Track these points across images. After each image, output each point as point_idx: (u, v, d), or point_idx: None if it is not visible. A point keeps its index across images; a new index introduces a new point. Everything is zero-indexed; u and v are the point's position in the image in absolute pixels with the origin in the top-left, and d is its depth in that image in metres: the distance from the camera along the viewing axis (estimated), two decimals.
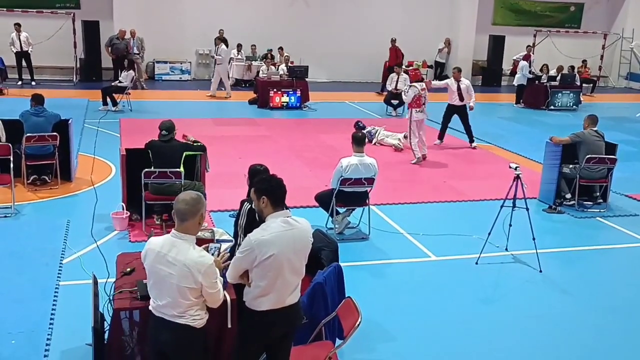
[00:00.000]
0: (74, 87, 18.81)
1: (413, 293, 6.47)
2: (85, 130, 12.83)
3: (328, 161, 10.95)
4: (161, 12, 20.73)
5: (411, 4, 23.04)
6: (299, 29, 21.73)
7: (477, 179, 10.63)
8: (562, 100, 19.06)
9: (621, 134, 14.66)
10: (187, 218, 3.72)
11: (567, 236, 8.30)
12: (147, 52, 20.05)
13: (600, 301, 6.49)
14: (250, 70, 20.50)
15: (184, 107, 16.57)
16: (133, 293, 4.33)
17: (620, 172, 9.90)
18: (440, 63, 23.74)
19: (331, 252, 5.45)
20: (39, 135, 8.88)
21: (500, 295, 6.61)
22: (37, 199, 8.67)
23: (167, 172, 7.36)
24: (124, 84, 15.46)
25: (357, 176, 7.59)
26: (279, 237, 3.80)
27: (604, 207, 9.28)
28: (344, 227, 7.93)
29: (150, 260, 3.76)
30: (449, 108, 13.01)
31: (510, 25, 24.55)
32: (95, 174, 9.71)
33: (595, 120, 9.30)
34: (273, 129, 14.16)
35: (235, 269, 3.91)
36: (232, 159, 10.80)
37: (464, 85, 12.81)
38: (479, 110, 18.81)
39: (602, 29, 25.15)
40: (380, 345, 5.41)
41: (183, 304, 3.71)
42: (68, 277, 6.33)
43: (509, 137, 14.30)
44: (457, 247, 7.63)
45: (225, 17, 21.02)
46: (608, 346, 5.62)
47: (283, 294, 3.89)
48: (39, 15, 19.20)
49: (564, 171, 9.22)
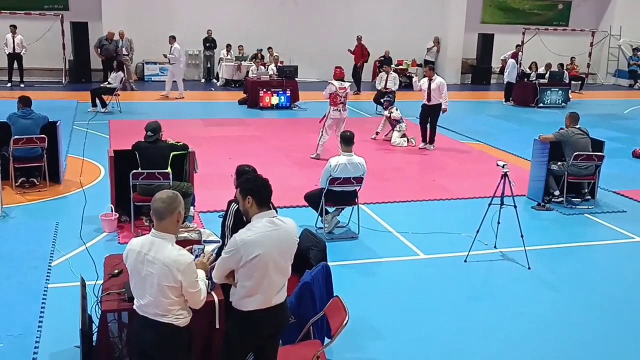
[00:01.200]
0: (63, 89, 18.75)
1: (402, 291, 6.49)
2: (75, 131, 12.79)
3: (317, 161, 11.00)
4: (150, 13, 20.69)
5: (401, 3, 23.10)
6: (289, 28, 21.74)
7: (466, 177, 10.67)
8: (551, 97, 19.16)
9: (609, 131, 14.77)
10: (164, 216, 3.72)
11: (556, 233, 8.34)
12: (136, 53, 20.02)
13: (589, 298, 6.53)
14: (240, 71, 20.49)
15: (173, 108, 16.55)
16: (121, 295, 4.33)
17: (608, 168, 9.98)
18: (430, 62, 23.79)
19: (319, 252, 5.46)
20: (27, 138, 8.85)
21: (489, 293, 6.64)
22: (26, 201, 8.64)
23: (155, 173, 7.36)
24: (113, 85, 15.43)
25: (345, 175, 7.61)
26: (265, 237, 3.81)
27: (592, 204, 9.33)
28: (333, 227, 7.94)
29: (131, 261, 3.77)
30: (423, 108, 12.69)
31: (499, 24, 24.67)
32: (84, 176, 9.69)
33: (576, 118, 9.36)
34: (263, 129, 14.17)
35: (221, 269, 3.92)
36: (222, 160, 10.79)
37: (434, 85, 12.42)
38: (468, 109, 19.00)
39: (590, 26, 25.30)
40: (369, 344, 5.43)
41: (164, 303, 3.72)
42: (57, 279, 6.31)
43: (498, 135, 14.36)
44: (446, 245, 7.66)
45: (214, 18, 21.03)
46: (596, 342, 5.66)
47: (269, 294, 3.90)
48: (27, 17, 19.11)
49: (552, 168, 9.28)
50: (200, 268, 4.03)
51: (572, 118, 9.40)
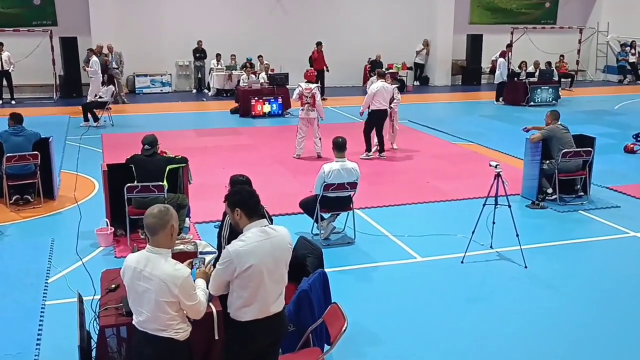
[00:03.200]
0: (55, 105, 18.72)
1: (400, 295, 6.50)
2: (67, 147, 12.77)
3: (311, 167, 11.00)
4: (139, 25, 20.68)
5: (389, 7, 23.16)
6: (278, 36, 21.77)
7: (460, 179, 10.70)
8: (541, 95, 19.24)
9: (601, 127, 14.84)
10: (157, 231, 3.72)
11: (551, 231, 8.37)
12: (127, 66, 20.02)
13: (585, 294, 6.55)
14: (231, 80, 20.50)
15: (166, 119, 16.54)
16: (119, 309, 4.32)
17: (600, 164, 10.03)
18: (420, 64, 23.93)
19: (316, 259, 5.47)
20: (20, 155, 8.84)
21: (487, 293, 6.65)
22: (20, 219, 8.62)
23: (150, 186, 7.36)
24: (104, 99, 15.41)
25: (339, 181, 7.63)
26: (257, 247, 3.82)
27: (586, 200, 9.38)
28: (329, 233, 7.95)
29: (128, 277, 3.77)
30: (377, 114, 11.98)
31: (487, 24, 24.75)
32: (79, 191, 9.67)
33: (557, 116, 9.49)
34: (256, 138, 14.18)
35: (217, 281, 3.93)
36: (216, 170, 10.79)
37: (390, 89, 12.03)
38: (459, 110, 19.09)
39: (578, 23, 25.44)
40: (369, 349, 5.43)
41: (163, 318, 3.71)
42: (54, 296, 6.30)
43: (491, 135, 14.40)
44: (442, 247, 7.67)
45: (203, 27, 21.03)
46: (594, 339, 5.68)
47: (266, 303, 3.90)
48: (16, 33, 19.10)
49: (542, 167, 9.32)
50: (201, 277, 4.05)
51: (553, 115, 9.50)
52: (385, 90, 11.90)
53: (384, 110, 11.94)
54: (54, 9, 20.17)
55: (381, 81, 12.03)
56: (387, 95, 11.93)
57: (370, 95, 11.89)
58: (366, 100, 12.01)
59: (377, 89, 11.82)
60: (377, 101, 11.82)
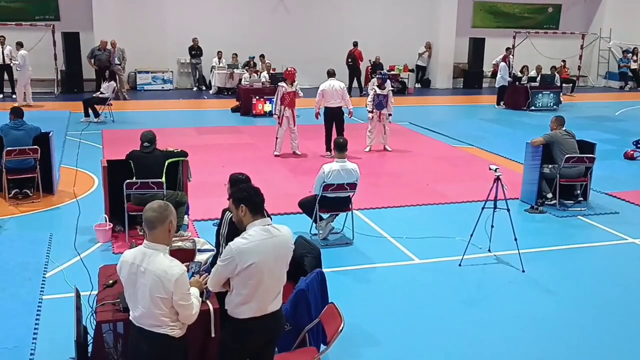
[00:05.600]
0: (56, 100, 18.69)
1: (397, 296, 6.50)
2: (68, 142, 12.77)
3: (311, 167, 11.00)
4: (142, 22, 20.69)
5: (392, 9, 23.18)
6: (281, 36, 21.78)
7: (460, 182, 10.70)
8: (542, 100, 19.24)
9: (601, 133, 14.86)
10: (156, 226, 3.72)
11: (549, 235, 8.37)
12: (129, 63, 20.00)
13: (583, 299, 6.56)
14: (233, 78, 20.50)
15: (166, 116, 16.55)
16: (116, 305, 4.33)
17: (600, 170, 10.03)
18: (422, 67, 23.96)
19: (314, 259, 5.47)
20: (20, 149, 8.83)
21: (484, 297, 6.65)
22: (19, 213, 8.61)
23: (149, 183, 7.36)
24: (105, 95, 15.41)
25: (339, 181, 7.63)
26: (260, 246, 3.82)
27: (585, 206, 9.37)
28: (328, 233, 7.95)
29: (125, 273, 3.77)
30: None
31: (489, 28, 24.77)
32: (78, 186, 9.66)
33: (562, 122, 9.45)
34: (256, 136, 14.18)
35: (217, 277, 3.92)
36: (216, 168, 10.79)
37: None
38: (460, 113, 19.09)
39: (580, 29, 25.46)
40: (365, 350, 5.43)
41: (157, 314, 3.71)
42: (51, 291, 6.29)
43: (491, 139, 14.41)
44: (440, 249, 7.68)
45: (206, 26, 21.04)
46: (591, 344, 5.68)
47: (265, 301, 3.90)
48: (19, 27, 19.08)
49: (544, 172, 9.32)
50: (194, 286, 4.03)
51: (557, 121, 9.48)
52: (333, 88, 12.05)
53: (335, 107, 12.09)
54: (56, 4, 20.19)
55: (331, 79, 12.24)
56: (336, 94, 12.05)
57: (319, 94, 12.24)
58: (317, 101, 12.38)
59: (323, 87, 12.13)
60: (327, 100, 12.07)
